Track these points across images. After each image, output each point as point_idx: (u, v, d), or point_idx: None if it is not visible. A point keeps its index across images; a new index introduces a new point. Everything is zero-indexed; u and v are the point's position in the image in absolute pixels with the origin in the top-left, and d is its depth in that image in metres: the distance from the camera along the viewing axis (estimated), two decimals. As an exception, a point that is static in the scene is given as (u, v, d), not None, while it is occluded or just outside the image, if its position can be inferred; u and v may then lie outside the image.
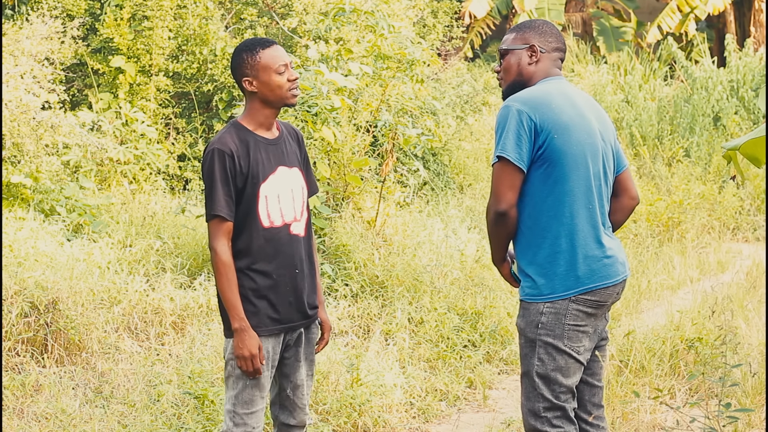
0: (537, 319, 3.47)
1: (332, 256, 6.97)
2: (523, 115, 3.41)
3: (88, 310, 5.77)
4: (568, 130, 3.45)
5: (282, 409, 3.71)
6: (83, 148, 8.41)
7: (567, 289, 3.45)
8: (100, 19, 9.62)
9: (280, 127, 3.69)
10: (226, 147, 3.48)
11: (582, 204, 3.47)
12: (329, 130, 7.07)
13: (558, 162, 3.43)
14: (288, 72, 3.55)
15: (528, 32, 3.62)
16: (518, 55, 3.62)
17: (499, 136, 3.45)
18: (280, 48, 3.58)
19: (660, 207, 10.12)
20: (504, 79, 3.67)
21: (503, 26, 20.99)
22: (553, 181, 3.44)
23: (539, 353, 3.47)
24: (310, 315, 3.68)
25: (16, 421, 4.78)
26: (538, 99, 3.46)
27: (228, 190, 3.48)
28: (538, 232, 3.47)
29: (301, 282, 3.62)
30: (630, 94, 14.00)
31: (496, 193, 3.45)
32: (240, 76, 3.56)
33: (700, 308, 6.82)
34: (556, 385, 3.47)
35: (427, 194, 10.19)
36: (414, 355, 5.97)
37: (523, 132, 3.40)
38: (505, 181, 3.44)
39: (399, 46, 7.97)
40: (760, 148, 3.47)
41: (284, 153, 3.64)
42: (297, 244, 3.63)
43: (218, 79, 9.56)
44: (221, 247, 3.47)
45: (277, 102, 3.57)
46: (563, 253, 3.45)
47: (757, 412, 5.03)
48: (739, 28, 19.52)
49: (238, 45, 3.66)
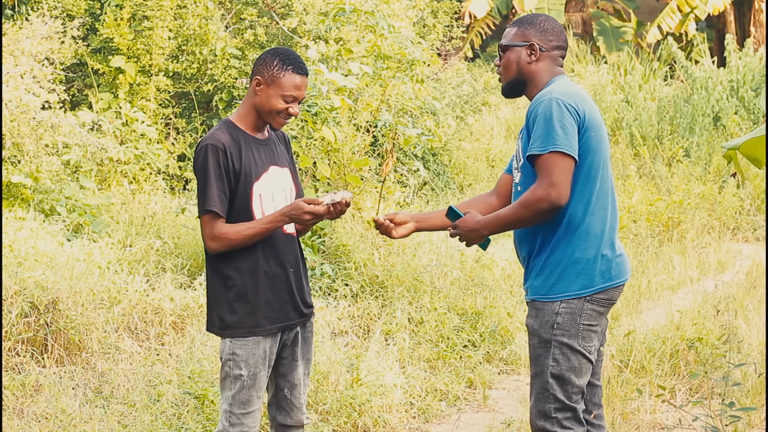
0: (552, 320, 3.44)
1: (332, 256, 6.97)
2: (570, 107, 3.37)
3: (88, 310, 5.76)
4: (600, 129, 3.46)
5: (279, 410, 3.70)
6: (83, 148, 8.41)
7: (582, 288, 3.43)
8: (100, 19, 9.62)
9: (269, 129, 3.70)
10: (219, 143, 3.48)
11: (602, 204, 3.47)
12: (329, 130, 7.07)
13: (591, 159, 3.42)
14: (293, 105, 3.55)
15: (529, 29, 3.58)
16: (518, 53, 3.58)
17: (547, 127, 3.34)
18: (305, 81, 3.56)
19: (660, 207, 10.12)
20: (503, 76, 3.63)
21: (503, 26, 20.98)
22: (584, 179, 3.42)
23: (554, 354, 3.43)
24: (306, 313, 3.68)
25: (16, 421, 4.78)
26: (577, 94, 3.45)
27: (222, 185, 3.47)
28: (566, 231, 3.44)
29: (296, 280, 3.62)
30: (630, 94, 14.00)
31: (558, 184, 3.32)
32: (256, 73, 3.55)
33: (700, 308, 6.82)
34: (570, 386, 3.44)
35: (427, 194, 10.19)
36: (414, 355, 5.97)
37: (571, 123, 3.36)
38: (566, 172, 3.33)
39: (399, 46, 7.97)
40: (760, 148, 3.46)
41: (275, 153, 3.65)
42: (291, 243, 3.63)
43: (218, 79, 9.56)
44: (216, 238, 3.46)
45: (264, 117, 3.57)
46: (582, 251, 3.43)
47: (758, 412, 5.03)
48: (739, 28, 19.52)
49: (280, 47, 3.65)
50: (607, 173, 3.49)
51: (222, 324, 3.54)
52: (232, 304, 3.52)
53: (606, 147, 3.50)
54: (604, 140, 3.48)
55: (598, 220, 3.45)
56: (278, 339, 3.60)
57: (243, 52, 9.78)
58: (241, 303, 3.51)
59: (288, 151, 3.75)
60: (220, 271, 3.54)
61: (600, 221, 3.46)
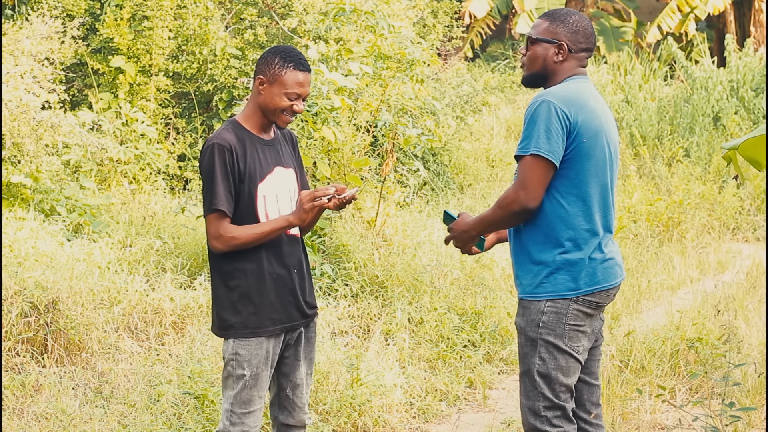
0: (538, 318, 3.47)
1: (332, 256, 6.97)
2: (560, 112, 3.36)
3: (88, 310, 5.77)
4: (596, 135, 3.43)
5: (281, 410, 3.71)
6: (83, 148, 8.41)
7: (569, 289, 3.45)
8: (100, 19, 9.62)
9: (274, 128, 3.70)
10: (225, 142, 3.48)
11: (595, 208, 3.47)
12: (329, 130, 7.07)
13: (581, 165, 3.42)
14: (297, 102, 3.54)
15: (560, 27, 3.54)
16: (546, 48, 3.54)
17: (532, 129, 3.37)
18: (308, 78, 3.55)
19: (660, 207, 10.12)
20: (527, 67, 3.60)
21: (503, 26, 21.00)
22: (573, 183, 3.43)
23: (540, 352, 3.46)
24: (309, 314, 3.68)
25: (16, 421, 4.78)
26: (576, 99, 3.42)
27: (228, 185, 3.47)
28: (550, 230, 3.45)
29: (299, 281, 3.62)
30: (630, 94, 13.99)
31: (528, 188, 3.36)
32: (258, 72, 3.55)
33: (700, 308, 6.83)
34: (557, 384, 3.47)
35: (427, 194, 10.19)
36: (414, 355, 5.97)
37: (558, 128, 3.36)
38: (539, 176, 3.36)
39: (399, 46, 7.97)
40: (759, 148, 3.46)
41: (280, 154, 3.64)
42: (295, 244, 3.64)
43: (218, 79, 9.56)
44: (222, 238, 3.46)
45: (269, 116, 3.56)
46: (571, 253, 3.44)
47: (758, 412, 5.03)
48: (739, 28, 19.52)
49: (281, 45, 3.64)
50: (602, 179, 3.48)
51: (225, 324, 3.54)
52: (235, 305, 3.52)
53: (604, 152, 3.47)
54: (601, 146, 3.45)
55: (588, 223, 3.46)
56: (281, 339, 3.61)
57: (243, 52, 9.78)
58: (245, 304, 3.51)
59: (294, 150, 3.74)
60: (223, 272, 3.54)
61: (590, 224, 3.46)
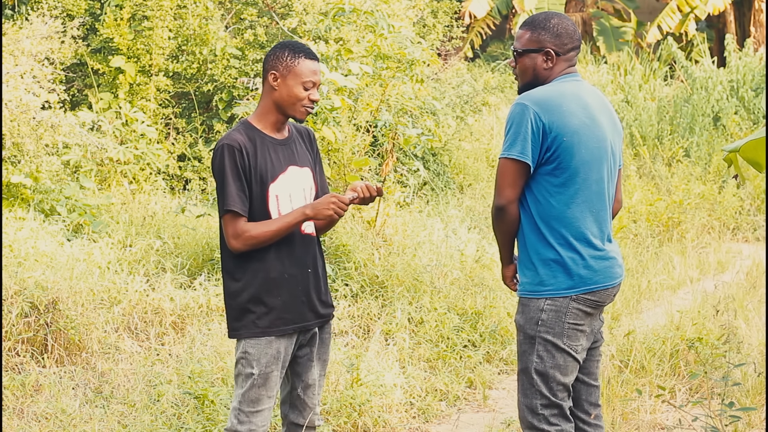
0: (537, 316, 3.48)
1: (332, 256, 6.97)
2: (532, 115, 3.41)
3: (88, 310, 5.77)
4: (578, 134, 3.44)
5: (292, 408, 3.70)
6: (83, 148, 8.41)
7: (568, 287, 3.46)
8: (100, 19, 9.62)
9: (290, 127, 3.68)
10: (234, 142, 3.48)
11: (588, 207, 3.48)
12: (329, 130, 7.07)
13: (568, 164, 3.44)
14: (313, 91, 3.54)
15: (543, 34, 3.54)
16: (533, 59, 3.56)
17: (507, 132, 3.47)
18: (318, 66, 3.57)
19: (660, 207, 10.12)
20: (520, 78, 3.64)
21: (503, 26, 20.99)
22: (561, 183, 3.45)
23: (538, 350, 3.48)
24: (324, 314, 3.66)
25: (16, 421, 4.78)
26: (551, 100, 3.44)
27: (240, 185, 3.47)
28: (545, 231, 3.47)
29: (313, 281, 3.61)
30: (630, 94, 14.00)
31: (497, 188, 3.50)
32: (270, 68, 3.54)
33: (700, 308, 6.82)
34: (554, 383, 3.48)
35: (427, 194, 10.19)
36: (414, 355, 5.97)
37: (530, 131, 3.40)
38: (507, 177, 3.47)
39: (399, 46, 7.96)
40: (760, 150, 3.46)
41: (295, 153, 3.63)
42: (310, 244, 3.63)
43: (218, 79, 9.56)
44: (240, 237, 3.46)
45: (288, 111, 3.56)
46: (567, 253, 3.46)
47: (758, 412, 5.03)
48: (739, 28, 19.52)
49: (285, 40, 3.64)
50: (596, 174, 3.49)
51: (236, 324, 3.54)
52: (246, 305, 3.52)
53: (596, 150, 3.48)
54: (590, 144, 3.46)
55: (583, 222, 3.48)
56: (294, 339, 3.60)
57: (243, 52, 9.78)
58: (255, 303, 3.51)
59: (312, 148, 3.73)
60: (234, 272, 3.53)
61: (585, 223, 3.48)
